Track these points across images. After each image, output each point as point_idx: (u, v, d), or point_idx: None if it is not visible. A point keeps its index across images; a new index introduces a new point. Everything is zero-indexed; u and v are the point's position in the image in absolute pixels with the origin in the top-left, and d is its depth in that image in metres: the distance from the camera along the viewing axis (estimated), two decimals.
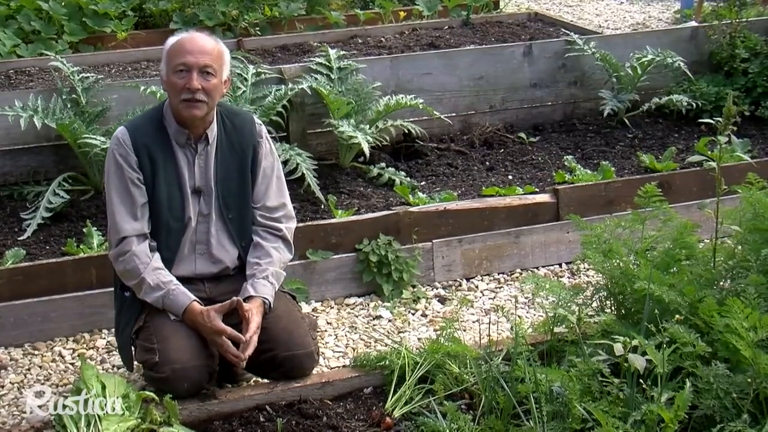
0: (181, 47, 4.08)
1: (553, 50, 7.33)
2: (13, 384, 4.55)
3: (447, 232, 5.55)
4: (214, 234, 4.23)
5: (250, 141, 4.26)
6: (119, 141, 4.13)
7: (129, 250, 4.06)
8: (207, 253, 4.23)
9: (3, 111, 5.69)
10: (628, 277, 4.06)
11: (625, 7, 11.86)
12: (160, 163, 4.12)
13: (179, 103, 4.06)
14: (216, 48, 4.12)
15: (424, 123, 6.65)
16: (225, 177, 4.22)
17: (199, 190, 4.20)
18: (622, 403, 3.55)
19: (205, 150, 4.19)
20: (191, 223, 4.18)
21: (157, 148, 4.13)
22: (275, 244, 4.27)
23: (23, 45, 8.15)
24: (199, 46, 4.07)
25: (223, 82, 4.15)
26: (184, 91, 4.03)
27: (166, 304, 4.03)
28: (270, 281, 4.17)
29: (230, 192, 4.23)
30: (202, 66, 4.03)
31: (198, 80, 4.02)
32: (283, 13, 9.12)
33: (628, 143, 7.00)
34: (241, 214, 4.26)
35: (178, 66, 4.05)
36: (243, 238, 4.27)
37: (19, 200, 5.88)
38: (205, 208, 4.21)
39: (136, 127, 4.18)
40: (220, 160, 4.21)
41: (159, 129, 4.17)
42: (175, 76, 4.06)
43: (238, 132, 4.26)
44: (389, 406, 3.95)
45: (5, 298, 4.85)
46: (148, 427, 3.77)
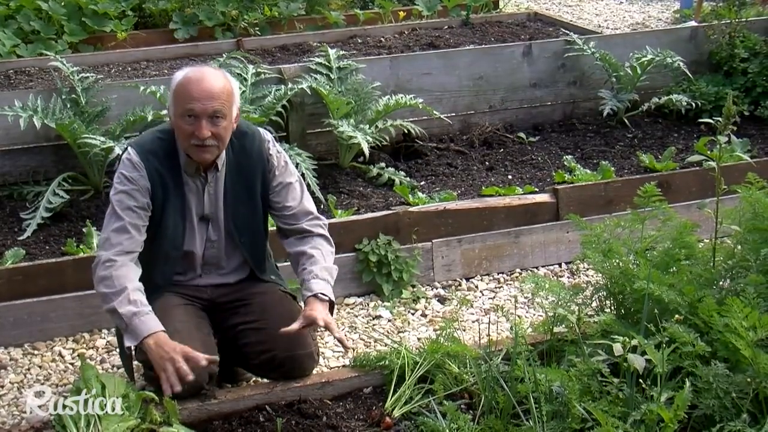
0: (188, 93, 3.94)
1: (553, 50, 7.33)
2: (12, 384, 4.55)
3: (447, 232, 5.55)
4: (224, 258, 4.24)
5: (260, 162, 4.19)
6: (134, 165, 4.04)
7: (116, 261, 3.96)
8: (214, 272, 4.26)
9: (3, 111, 5.69)
10: (627, 276, 4.07)
11: (625, 7, 11.87)
12: (171, 193, 4.07)
13: (189, 147, 3.99)
14: (224, 88, 3.99)
15: (424, 123, 6.66)
16: (234, 201, 4.18)
17: (207, 218, 4.17)
18: (622, 403, 3.55)
19: (215, 177, 4.14)
20: (194, 252, 4.17)
21: (168, 176, 4.07)
22: (318, 242, 4.24)
23: (23, 45, 8.16)
24: (208, 92, 3.93)
25: (233, 121, 4.05)
26: (194, 138, 3.95)
27: (133, 325, 3.86)
28: (321, 277, 4.11)
29: (240, 216, 4.20)
30: (210, 113, 3.92)
31: (207, 128, 3.92)
32: (283, 13, 9.12)
33: (627, 143, 7.00)
34: (254, 237, 4.26)
35: (186, 112, 3.94)
36: (255, 258, 4.28)
37: (19, 200, 5.88)
38: (214, 234, 4.19)
39: (148, 153, 4.07)
40: (230, 184, 4.16)
41: (169, 157, 4.09)
42: (183, 122, 3.96)
43: (247, 154, 4.18)
44: (389, 405, 3.95)
45: (5, 298, 4.85)
46: (148, 427, 3.77)
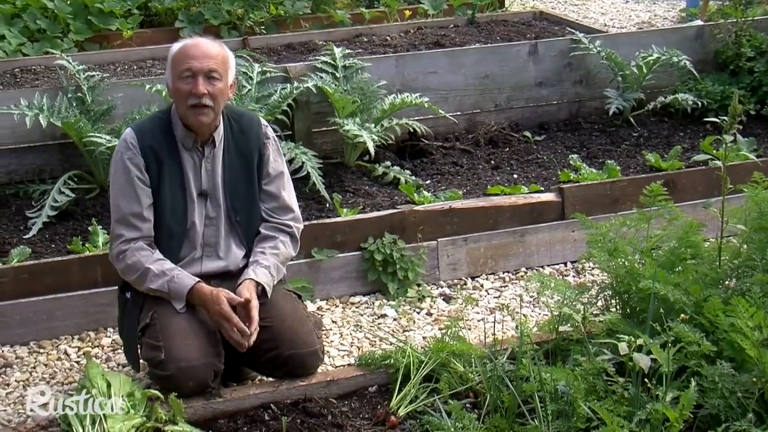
0: (185, 53, 4.08)
1: (559, 49, 7.32)
2: (18, 382, 4.56)
3: (452, 231, 5.55)
4: (222, 236, 4.24)
5: (257, 143, 4.27)
6: (127, 143, 4.13)
7: (129, 247, 4.07)
8: (214, 255, 4.24)
9: (8, 109, 5.70)
10: (633, 276, 4.06)
11: (631, 6, 11.85)
12: (167, 166, 4.12)
13: (186, 109, 4.07)
14: (221, 52, 4.12)
15: (430, 122, 6.65)
16: (232, 180, 4.22)
17: (206, 194, 4.20)
18: (627, 402, 3.55)
19: (212, 153, 4.19)
20: (195, 227, 4.19)
21: (164, 151, 4.13)
22: (283, 239, 4.29)
23: (29, 43, 8.17)
24: (204, 51, 4.07)
25: (228, 86, 4.15)
26: (191, 97, 4.03)
27: (172, 288, 4.02)
28: (271, 273, 4.18)
29: (238, 195, 4.24)
30: (207, 71, 4.03)
31: (204, 85, 4.02)
32: (289, 11, 9.12)
33: (633, 142, 6.99)
34: (249, 217, 4.27)
35: (184, 72, 4.05)
36: (250, 240, 4.28)
37: (25, 198, 5.89)
38: (213, 211, 4.21)
39: (144, 130, 4.18)
40: (227, 163, 4.21)
41: (166, 132, 4.17)
42: (180, 83, 4.06)
43: (245, 134, 4.26)
44: (394, 404, 3.95)
45: (10, 296, 4.86)
46: (154, 426, 3.78)
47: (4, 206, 5.85)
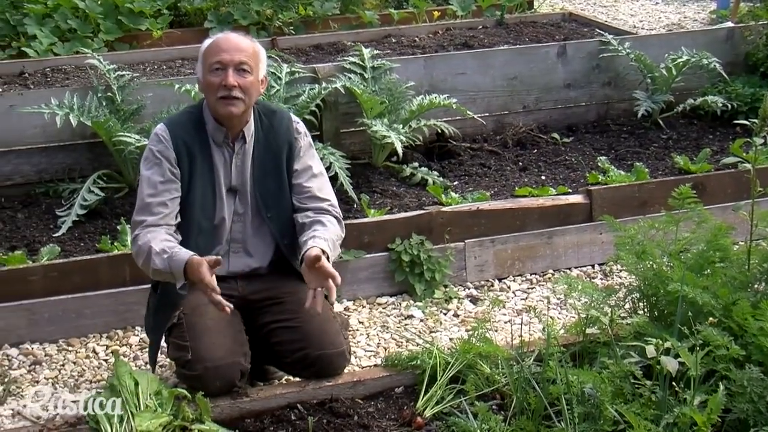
0: (216, 46, 4.10)
1: (588, 50, 7.30)
2: (47, 379, 4.59)
3: (479, 232, 5.54)
4: (250, 233, 4.24)
5: (287, 138, 4.27)
6: (159, 137, 4.15)
7: (143, 230, 4.03)
8: (242, 252, 4.25)
9: (39, 109, 5.74)
10: (661, 278, 4.04)
11: (661, 8, 11.79)
12: (198, 161, 4.13)
13: (216, 101, 4.08)
14: (251, 46, 4.14)
15: (458, 123, 6.64)
16: (263, 176, 4.23)
17: (235, 190, 4.21)
18: (655, 406, 3.53)
19: (243, 149, 4.21)
20: (224, 223, 4.20)
21: (195, 146, 4.15)
22: (329, 218, 4.22)
23: (60, 43, 8.22)
24: (235, 44, 4.09)
25: (259, 81, 4.16)
26: (221, 89, 4.04)
27: (172, 266, 3.92)
28: (329, 246, 4.05)
29: (268, 191, 4.24)
30: (237, 63, 4.05)
31: (234, 77, 4.03)
32: (318, 12, 9.14)
33: (662, 144, 6.96)
34: (281, 213, 4.26)
35: (214, 65, 4.06)
36: (284, 236, 4.27)
37: (55, 197, 5.93)
38: (241, 207, 4.22)
39: (176, 125, 4.20)
40: (257, 158, 4.22)
41: (197, 127, 4.19)
42: (211, 75, 4.07)
43: (275, 130, 4.27)
44: (420, 405, 3.95)
45: (40, 294, 4.90)
46: (181, 424, 3.79)
47: (35, 205, 5.90)
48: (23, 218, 5.76)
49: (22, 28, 8.27)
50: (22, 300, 4.87)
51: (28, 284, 4.89)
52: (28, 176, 6.02)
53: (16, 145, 5.97)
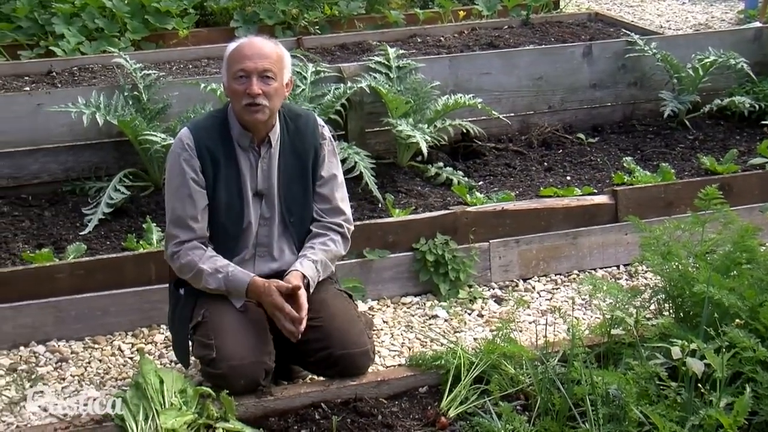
0: (239, 53, 4.09)
1: (614, 51, 7.28)
2: (74, 377, 4.61)
3: (504, 233, 5.54)
4: (275, 237, 4.25)
5: (313, 142, 4.27)
6: (183, 144, 4.15)
7: (182, 248, 4.11)
8: (267, 256, 4.26)
9: (67, 107, 5.77)
10: (687, 279, 4.03)
11: (687, 8, 11.74)
12: (223, 166, 4.14)
13: (242, 108, 4.08)
14: (275, 52, 4.12)
15: (483, 123, 6.64)
16: (288, 181, 4.23)
17: (261, 194, 4.22)
18: (680, 408, 3.52)
19: (268, 153, 4.21)
20: (251, 227, 4.21)
21: (220, 151, 4.15)
22: (334, 237, 4.28)
23: (87, 42, 8.26)
24: (258, 51, 4.08)
25: (284, 85, 4.15)
26: (245, 97, 4.04)
27: (228, 286, 4.05)
28: (317, 268, 4.18)
29: (293, 196, 4.25)
30: (261, 71, 4.04)
31: (258, 85, 4.03)
32: (343, 11, 9.15)
33: (688, 145, 6.93)
34: (303, 219, 4.28)
35: (238, 72, 4.06)
36: (302, 241, 4.29)
37: (81, 195, 5.96)
38: (267, 211, 4.23)
39: (200, 129, 4.20)
40: (283, 163, 4.22)
41: (222, 132, 4.19)
42: (235, 83, 4.07)
43: (301, 134, 4.27)
44: (444, 405, 3.95)
45: (66, 292, 4.92)
46: (205, 422, 3.81)
47: (61, 203, 5.93)
48: (50, 216, 5.79)
49: (50, 28, 8.32)
50: (49, 298, 4.90)
51: (55, 282, 4.92)
52: (55, 174, 6.06)
53: (43, 143, 6.01)
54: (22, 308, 4.86)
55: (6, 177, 5.97)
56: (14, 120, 5.96)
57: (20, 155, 5.98)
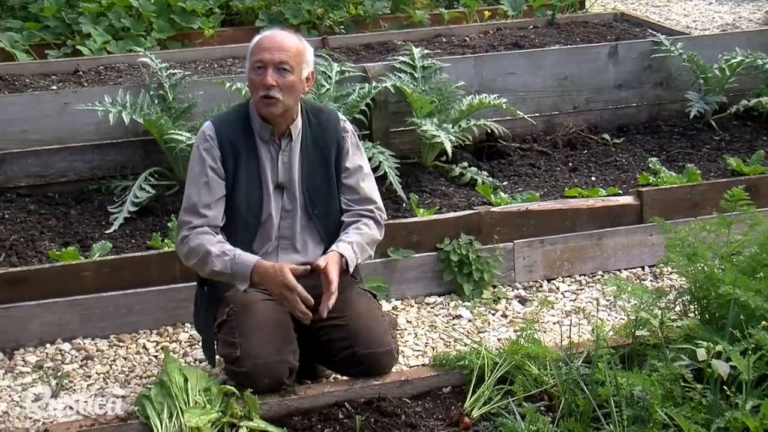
0: (260, 45, 4.15)
1: (639, 51, 7.25)
2: (99, 374, 4.64)
3: (528, 233, 5.53)
4: (298, 229, 4.26)
5: (335, 136, 4.30)
6: (205, 135, 4.20)
7: (192, 232, 4.12)
8: (290, 248, 4.27)
9: (93, 106, 5.80)
10: (712, 281, 4.01)
11: (714, 8, 11.67)
12: (243, 158, 4.17)
13: (258, 100, 4.13)
14: (295, 46, 4.14)
15: (507, 123, 6.62)
16: (310, 173, 4.25)
17: (282, 186, 4.24)
18: (705, 410, 3.51)
19: (289, 146, 4.23)
20: (272, 219, 4.22)
21: (241, 143, 4.18)
22: (367, 222, 4.29)
23: (113, 41, 8.30)
24: (277, 44, 4.12)
25: (303, 79, 4.17)
26: (261, 88, 4.09)
27: (234, 268, 4.03)
28: (354, 249, 4.16)
29: (316, 188, 4.27)
30: (277, 63, 4.07)
31: (273, 77, 4.06)
32: (368, 11, 9.16)
33: (714, 146, 6.90)
34: (328, 210, 4.29)
35: (256, 63, 4.11)
36: (328, 234, 4.29)
37: (107, 194, 5.99)
38: (289, 204, 4.25)
39: (222, 122, 4.25)
40: (305, 156, 4.25)
41: (244, 125, 4.23)
42: (253, 73, 4.13)
43: (323, 128, 4.30)
44: (468, 405, 3.95)
45: (92, 290, 4.95)
46: (229, 421, 3.82)
47: (87, 201, 5.96)
48: (76, 214, 5.82)
49: (77, 27, 8.37)
50: (75, 296, 4.93)
51: (81, 280, 4.95)
52: (81, 173, 6.09)
53: (70, 142, 6.04)
54: (49, 306, 4.89)
55: (33, 175, 6.01)
56: (41, 119, 6.00)
57: (47, 154, 6.02)
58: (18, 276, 4.92)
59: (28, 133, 5.98)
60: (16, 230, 5.59)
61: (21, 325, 4.85)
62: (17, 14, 8.69)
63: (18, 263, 5.23)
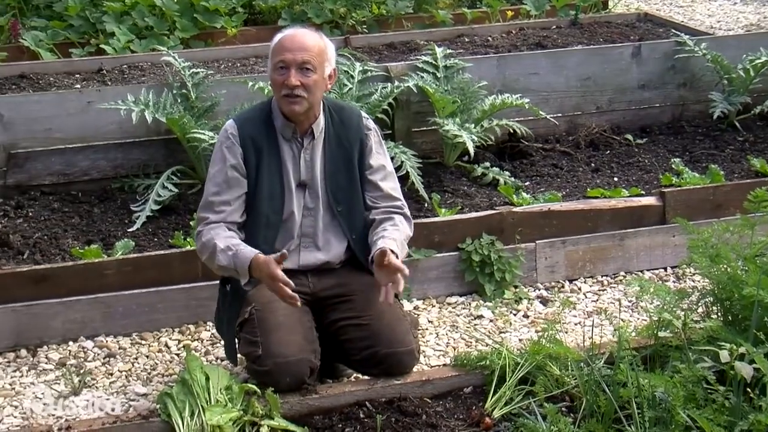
0: (281, 45, 4.16)
1: (663, 51, 7.22)
2: (121, 372, 4.66)
3: (551, 233, 5.51)
4: (320, 227, 4.28)
5: (358, 134, 4.31)
6: (227, 133, 4.24)
7: (207, 227, 4.16)
8: (312, 246, 4.28)
9: (116, 105, 5.82)
10: (736, 282, 3.99)
11: (739, 8, 11.60)
12: (265, 156, 4.19)
13: (281, 99, 4.15)
14: (317, 44, 4.16)
15: (530, 123, 6.61)
16: (333, 171, 4.27)
17: (304, 184, 4.25)
18: (728, 412, 3.49)
19: (311, 144, 4.25)
20: (294, 217, 4.23)
21: (263, 141, 4.20)
22: (398, 219, 4.31)
23: (137, 40, 8.33)
24: (299, 43, 4.13)
25: (325, 78, 4.19)
26: (284, 88, 4.11)
27: (236, 263, 4.05)
28: (397, 246, 4.15)
29: (339, 186, 4.28)
30: (300, 63, 4.09)
31: (296, 77, 4.08)
32: (391, 11, 9.15)
33: (738, 147, 6.86)
34: (351, 207, 4.30)
35: (278, 63, 4.13)
36: (354, 230, 4.31)
37: (130, 192, 6.01)
38: (311, 202, 4.26)
39: (244, 121, 4.29)
40: (328, 154, 4.26)
41: (266, 123, 4.25)
42: (275, 73, 4.15)
43: (346, 126, 4.31)
44: (489, 406, 3.95)
45: (115, 288, 4.97)
46: (250, 419, 3.83)
47: (110, 200, 5.98)
48: (99, 213, 5.85)
49: (101, 26, 8.40)
50: (98, 293, 4.95)
51: (104, 278, 4.98)
52: (104, 171, 6.11)
53: (93, 140, 6.07)
54: (72, 303, 4.92)
55: (57, 173, 6.03)
56: (65, 117, 6.02)
57: (71, 152, 6.05)
58: (41, 274, 4.95)
59: (51, 131, 6.01)
60: (40, 228, 5.63)
61: (44, 322, 4.88)
62: (42, 13, 8.72)
63: (41, 261, 5.26)
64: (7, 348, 4.84)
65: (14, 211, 5.80)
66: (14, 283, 4.89)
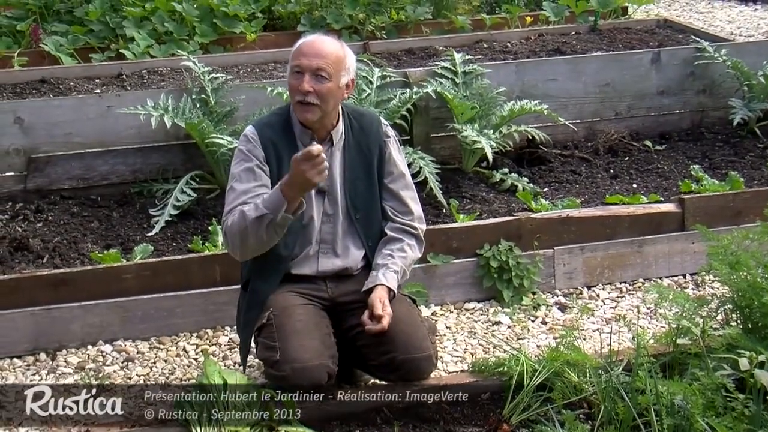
0: (300, 50, 4.16)
1: (682, 57, 7.20)
2: (139, 376, 4.67)
3: (569, 240, 5.51)
4: (339, 234, 4.28)
5: (377, 141, 4.31)
6: (248, 138, 4.24)
7: (233, 211, 4.10)
8: (331, 252, 4.28)
9: (136, 110, 5.84)
10: (755, 290, 3.98)
11: (759, 14, 11.56)
12: (285, 161, 4.18)
13: (296, 104, 4.16)
14: (335, 52, 4.14)
15: (548, 129, 6.60)
16: (353, 178, 4.27)
17: (324, 191, 4.25)
18: (748, 421, 3.48)
19: (330, 151, 4.24)
20: (313, 223, 4.24)
21: (283, 146, 4.21)
22: (410, 242, 4.33)
23: (156, 45, 8.36)
24: (316, 50, 4.12)
25: (341, 87, 4.17)
26: (297, 93, 4.11)
27: (266, 205, 3.98)
28: (398, 278, 4.23)
29: (358, 192, 4.28)
30: (315, 69, 4.08)
31: (309, 83, 4.08)
32: (410, 17, 9.15)
33: (758, 153, 6.83)
34: (369, 214, 4.31)
35: (295, 68, 4.14)
36: (370, 238, 4.32)
37: (149, 197, 6.03)
38: (330, 208, 4.26)
39: (264, 126, 4.29)
40: (348, 161, 4.26)
41: (285, 128, 4.25)
42: (291, 78, 4.16)
43: (365, 132, 4.31)
44: (507, 412, 3.94)
45: (133, 292, 4.99)
46: (268, 425, 3.83)
47: (129, 204, 6.00)
48: (118, 217, 5.87)
49: (121, 31, 8.43)
50: (117, 298, 4.97)
51: (122, 282, 4.99)
52: (123, 176, 6.13)
53: (112, 145, 6.09)
54: (91, 308, 4.93)
55: (76, 178, 6.06)
56: (85, 122, 6.05)
57: (90, 156, 6.07)
58: (60, 278, 4.97)
59: (71, 136, 6.03)
60: (59, 232, 5.65)
61: (63, 326, 4.90)
62: (62, 18, 8.76)
63: (61, 265, 5.28)
64: (26, 351, 4.86)
65: (34, 215, 5.83)
66: (34, 287, 4.92)
